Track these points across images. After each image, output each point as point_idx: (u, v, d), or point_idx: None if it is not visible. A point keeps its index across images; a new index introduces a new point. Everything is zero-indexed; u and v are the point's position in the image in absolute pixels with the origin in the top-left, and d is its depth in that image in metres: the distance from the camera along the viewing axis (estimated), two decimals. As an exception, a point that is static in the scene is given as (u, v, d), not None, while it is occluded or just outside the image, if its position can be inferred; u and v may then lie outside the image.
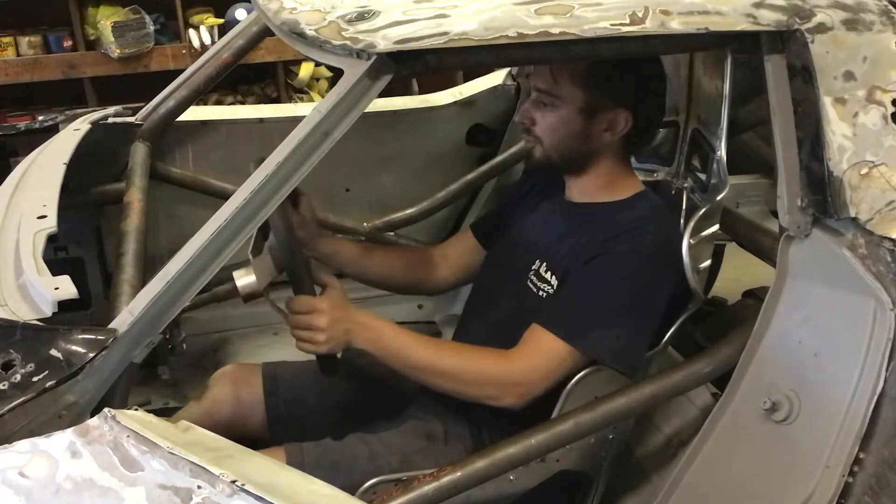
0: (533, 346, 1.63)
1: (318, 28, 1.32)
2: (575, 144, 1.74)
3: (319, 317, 1.55)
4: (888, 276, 1.38)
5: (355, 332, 1.58)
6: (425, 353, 1.62)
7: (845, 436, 1.41)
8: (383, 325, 1.63)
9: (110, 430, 1.19)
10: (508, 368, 1.62)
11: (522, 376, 1.61)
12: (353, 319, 1.59)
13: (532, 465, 1.66)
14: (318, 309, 1.55)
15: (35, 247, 1.50)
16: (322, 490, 1.21)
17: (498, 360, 1.63)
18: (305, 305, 1.56)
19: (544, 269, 1.74)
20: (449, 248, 2.11)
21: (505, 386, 1.61)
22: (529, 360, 1.62)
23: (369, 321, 1.62)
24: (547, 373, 1.62)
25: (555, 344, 1.61)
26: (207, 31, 4.46)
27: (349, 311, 1.59)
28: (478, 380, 1.62)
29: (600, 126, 1.72)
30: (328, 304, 1.56)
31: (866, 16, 1.49)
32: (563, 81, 1.70)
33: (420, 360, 1.62)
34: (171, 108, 2.32)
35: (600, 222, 1.72)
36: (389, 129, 2.62)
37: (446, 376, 1.63)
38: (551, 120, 1.74)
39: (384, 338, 1.61)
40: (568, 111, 1.71)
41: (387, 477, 1.63)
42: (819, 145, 1.44)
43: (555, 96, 1.71)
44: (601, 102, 1.71)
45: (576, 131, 1.73)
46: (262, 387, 1.92)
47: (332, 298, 1.58)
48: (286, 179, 1.32)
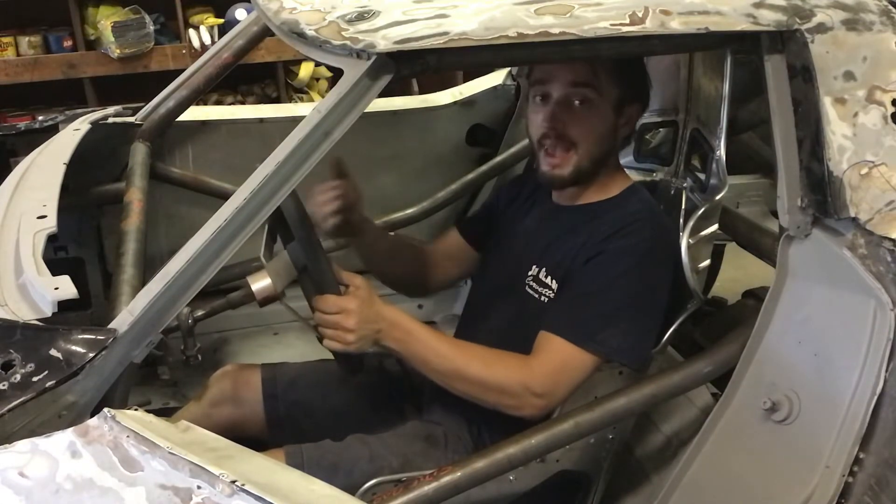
0: (549, 355, 1.61)
1: (318, 28, 1.32)
2: (607, 144, 1.70)
3: (349, 317, 1.50)
4: (888, 276, 1.38)
5: (385, 331, 1.54)
6: (451, 358, 1.59)
7: (845, 436, 1.41)
8: (413, 325, 1.59)
9: (110, 430, 1.19)
10: (529, 380, 1.58)
11: (542, 387, 1.58)
12: (383, 317, 1.54)
13: (532, 465, 1.66)
14: (347, 309, 1.50)
15: (35, 247, 1.50)
16: (322, 490, 1.21)
17: (519, 371, 1.60)
18: (334, 306, 1.51)
19: (544, 275, 1.74)
20: (436, 246, 2.07)
21: (524, 397, 1.58)
22: (548, 372, 1.60)
23: (400, 320, 1.57)
24: (567, 382, 1.60)
25: (569, 350, 1.60)
26: (207, 31, 4.46)
27: (379, 308, 1.54)
28: (499, 389, 1.59)
29: (622, 121, 1.70)
30: (358, 303, 1.51)
31: (866, 16, 1.49)
32: (602, 74, 1.63)
33: (445, 365, 1.59)
34: (171, 108, 2.32)
35: (594, 222, 1.71)
36: (389, 129, 2.62)
37: (469, 382, 1.60)
38: (590, 118, 1.66)
39: (413, 338, 1.57)
40: (605, 107, 1.67)
41: (387, 478, 1.64)
42: (819, 145, 1.44)
43: (594, 89, 1.64)
44: (627, 97, 1.68)
45: (609, 129, 1.69)
46: (262, 387, 1.92)
47: (361, 298, 1.53)
48: (286, 179, 1.32)
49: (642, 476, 1.90)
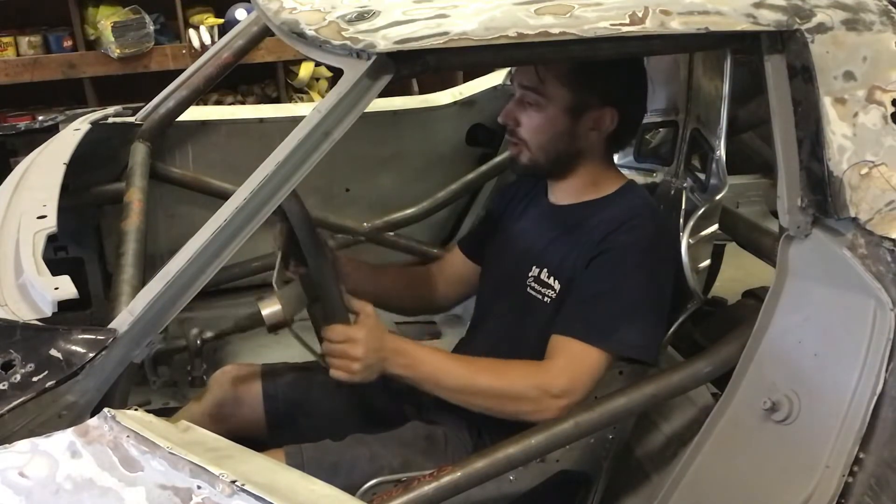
0: (564, 357, 1.61)
1: (318, 28, 1.32)
2: (562, 145, 1.72)
3: (355, 347, 1.52)
4: (888, 276, 1.38)
5: (391, 360, 1.56)
6: (460, 374, 1.60)
7: (845, 436, 1.41)
8: (417, 350, 1.61)
9: (110, 430, 1.19)
10: (545, 383, 1.58)
11: (561, 389, 1.58)
12: (388, 347, 1.56)
13: (532, 465, 1.66)
14: (355, 339, 1.53)
15: (35, 247, 1.50)
16: (322, 490, 1.21)
17: (533, 376, 1.60)
18: (342, 335, 1.54)
19: (545, 275, 1.73)
20: (443, 265, 2.09)
21: (543, 400, 1.58)
22: (564, 371, 1.59)
23: (404, 347, 1.59)
24: (585, 381, 1.59)
25: (585, 350, 1.60)
26: (207, 31, 4.46)
27: (385, 338, 1.57)
28: (515, 397, 1.59)
29: (587, 125, 1.71)
30: (364, 333, 1.53)
31: (866, 16, 1.49)
32: (549, 80, 1.67)
33: (455, 382, 1.60)
34: (171, 108, 2.32)
35: (591, 220, 1.71)
36: (389, 129, 2.62)
37: (482, 395, 1.60)
38: (537, 120, 1.70)
39: (418, 362, 1.59)
40: (554, 111, 1.69)
41: (387, 478, 1.64)
42: (819, 145, 1.44)
43: (541, 95, 1.68)
44: (588, 101, 1.69)
45: (562, 131, 1.70)
46: (262, 387, 1.92)
47: (368, 327, 1.55)
48: (286, 179, 1.32)
49: (642, 476, 1.90)
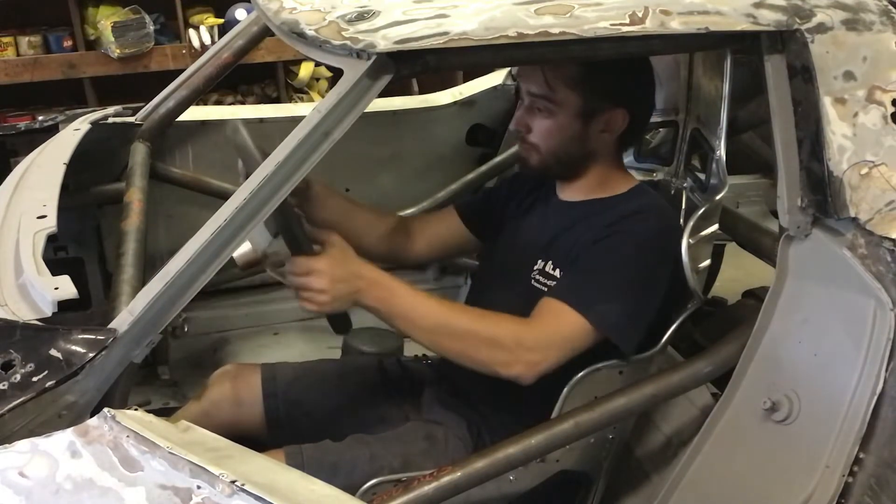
0: (545, 314, 1.60)
1: (318, 28, 1.32)
2: (573, 148, 1.73)
3: (319, 277, 1.47)
4: (888, 276, 1.38)
5: (364, 290, 1.51)
6: (438, 312, 1.56)
7: (845, 436, 1.40)
8: (394, 283, 1.55)
9: (110, 430, 1.19)
10: (522, 334, 1.57)
11: (536, 342, 1.56)
12: (361, 276, 1.51)
13: (532, 465, 1.66)
14: (317, 269, 1.48)
15: (35, 247, 1.50)
16: (322, 490, 1.21)
17: (512, 325, 1.58)
18: (304, 267, 1.49)
19: (550, 268, 1.74)
20: (429, 222, 2.06)
21: (517, 351, 1.55)
22: (543, 326, 1.59)
23: (380, 278, 1.53)
24: (560, 342, 1.58)
25: (566, 312, 1.59)
26: (207, 31, 4.46)
27: (355, 267, 1.51)
28: (490, 342, 1.56)
29: (597, 127, 1.71)
30: (327, 262, 1.49)
31: (866, 16, 1.49)
32: (558, 86, 1.67)
33: (432, 319, 1.55)
34: (171, 108, 2.32)
35: (601, 215, 1.71)
36: (389, 129, 2.62)
37: (458, 336, 1.56)
38: (548, 126, 1.71)
39: (395, 295, 1.54)
40: (565, 116, 1.69)
41: (387, 478, 1.64)
42: (819, 145, 1.44)
43: (551, 101, 1.68)
44: (598, 104, 1.69)
45: (573, 135, 1.71)
46: (262, 387, 1.92)
47: (333, 256, 1.50)
48: (286, 179, 1.32)
49: (642, 476, 1.90)
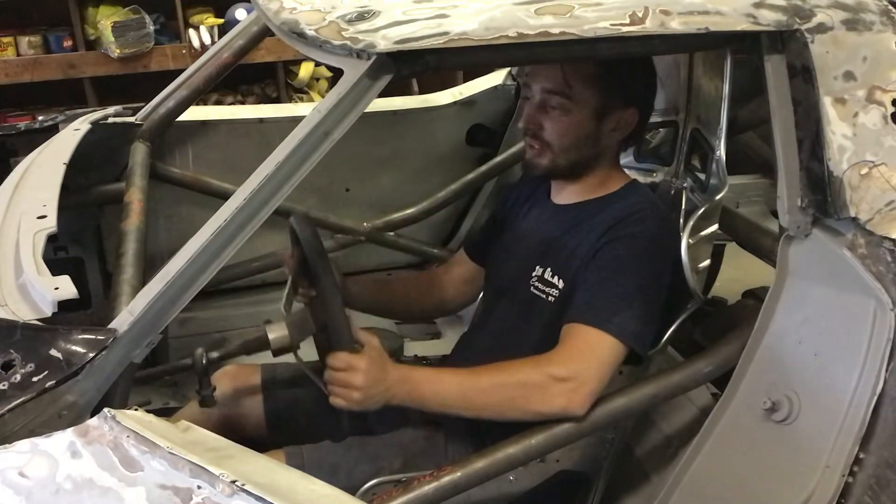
0: (568, 342, 1.59)
1: (318, 28, 1.32)
2: (585, 147, 1.72)
3: (356, 375, 1.51)
4: (888, 276, 1.38)
5: (395, 390, 1.54)
6: (461, 380, 1.58)
7: (845, 436, 1.41)
8: (414, 372, 1.59)
9: (110, 430, 1.19)
10: (548, 367, 1.56)
11: (567, 371, 1.55)
12: (390, 376, 1.54)
13: (532, 465, 1.66)
14: (356, 367, 1.51)
15: (35, 247, 1.50)
16: (322, 490, 1.21)
17: (536, 362, 1.58)
18: (344, 363, 1.52)
19: (549, 274, 1.73)
20: (450, 268, 2.11)
21: (550, 385, 1.54)
22: (567, 353, 1.57)
23: (404, 374, 1.57)
24: (592, 364, 1.56)
25: (587, 332, 1.58)
26: (207, 31, 4.46)
27: (387, 369, 1.54)
28: (520, 386, 1.55)
29: (609, 126, 1.71)
30: (366, 362, 1.51)
31: (866, 16, 1.49)
32: (576, 83, 1.65)
33: (457, 388, 1.56)
34: (171, 108, 2.32)
35: (595, 217, 1.71)
36: (389, 129, 2.62)
37: (488, 393, 1.56)
38: (563, 124, 1.69)
39: (421, 384, 1.56)
40: (580, 114, 1.68)
41: (387, 478, 1.64)
42: (819, 145, 1.44)
43: (567, 98, 1.67)
44: (613, 103, 1.69)
45: (587, 134, 1.70)
46: (262, 387, 1.92)
47: (371, 357, 1.53)
48: (286, 179, 1.32)
49: (642, 476, 1.90)
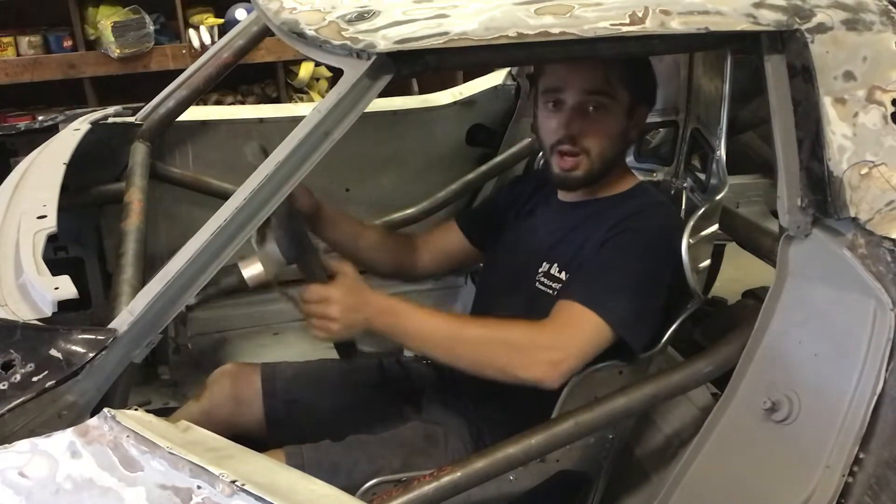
0: (558, 314, 1.60)
1: (318, 28, 1.32)
2: (618, 148, 1.73)
3: (331, 305, 1.51)
4: (888, 276, 1.38)
5: (374, 318, 1.53)
6: (447, 325, 1.57)
7: (845, 436, 1.41)
8: (401, 305, 1.57)
9: (110, 430, 1.19)
10: (536, 334, 1.57)
11: (552, 341, 1.55)
12: (370, 305, 1.53)
13: (532, 465, 1.66)
14: (329, 297, 1.51)
15: (35, 247, 1.50)
16: (322, 490, 1.21)
17: (525, 326, 1.58)
18: (316, 294, 1.53)
19: (556, 270, 1.74)
20: (432, 237, 2.08)
21: (533, 351, 1.54)
22: (556, 326, 1.58)
23: (388, 304, 1.56)
24: (576, 340, 1.56)
25: (579, 310, 1.58)
26: (207, 31, 4.46)
27: (365, 296, 1.54)
28: (505, 344, 1.56)
29: (633, 124, 1.72)
30: (339, 291, 1.52)
31: (866, 16, 1.49)
32: (615, 81, 1.65)
33: (442, 332, 1.56)
34: (171, 108, 2.32)
35: (604, 214, 1.72)
36: (389, 129, 2.62)
37: (472, 344, 1.56)
38: (604, 125, 1.68)
39: (403, 317, 1.55)
40: (618, 112, 1.69)
41: (387, 478, 1.64)
42: (819, 145, 1.44)
43: (610, 97, 1.66)
44: (639, 101, 1.71)
45: (620, 132, 1.71)
46: (261, 387, 1.92)
47: (345, 285, 1.53)
48: (286, 179, 1.32)
49: (642, 476, 1.90)
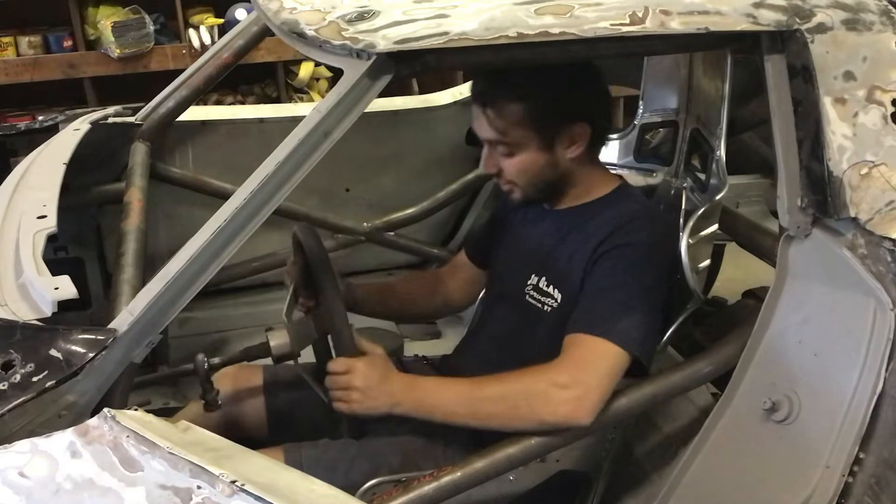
0: (570, 351, 1.59)
1: (318, 28, 1.32)
2: (549, 175, 1.72)
3: (355, 377, 1.55)
4: (888, 276, 1.39)
5: (399, 398, 1.56)
6: (465, 389, 1.59)
7: (845, 436, 1.41)
8: (420, 381, 1.62)
9: (110, 430, 1.19)
10: (552, 375, 1.55)
11: (570, 378, 1.54)
12: (395, 384, 1.57)
13: (532, 465, 1.66)
14: (355, 369, 1.55)
15: (35, 247, 1.50)
16: (322, 490, 1.21)
17: (539, 371, 1.57)
18: (343, 366, 1.57)
19: (545, 284, 1.74)
20: (454, 269, 2.12)
21: (554, 393, 1.53)
22: (570, 362, 1.57)
23: (410, 378, 1.60)
24: (594, 372, 1.55)
25: (589, 341, 1.57)
26: (207, 31, 4.45)
27: (390, 375, 1.58)
28: (524, 394, 1.55)
29: (563, 147, 1.70)
30: (365, 364, 1.56)
31: (866, 16, 1.49)
32: (507, 128, 1.65)
33: (462, 397, 1.58)
34: (171, 108, 2.32)
35: (589, 224, 1.71)
36: (389, 129, 2.62)
37: (492, 402, 1.57)
38: (516, 165, 1.69)
39: (424, 392, 1.58)
40: (527, 152, 1.68)
41: (387, 477, 1.63)
42: (819, 145, 1.44)
43: (508, 144, 1.67)
44: (554, 129, 1.67)
45: (545, 164, 1.70)
46: (262, 387, 1.92)
47: (371, 360, 1.57)
48: (286, 179, 1.32)
49: (642, 476, 1.90)
